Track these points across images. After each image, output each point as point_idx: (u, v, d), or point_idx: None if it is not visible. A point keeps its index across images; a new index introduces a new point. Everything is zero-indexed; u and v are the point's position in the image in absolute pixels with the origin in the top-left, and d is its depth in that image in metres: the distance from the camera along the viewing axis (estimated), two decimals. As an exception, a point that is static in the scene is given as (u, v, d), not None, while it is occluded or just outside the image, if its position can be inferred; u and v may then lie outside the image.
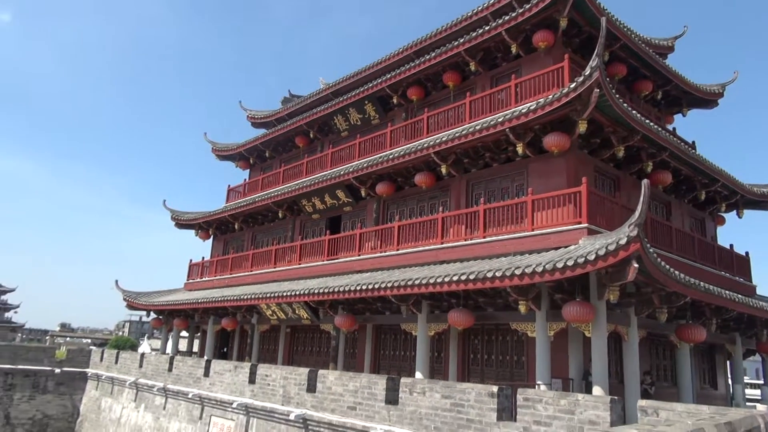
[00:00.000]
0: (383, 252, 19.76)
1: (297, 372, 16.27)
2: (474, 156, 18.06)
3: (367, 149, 22.89)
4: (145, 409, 24.26)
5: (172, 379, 22.60)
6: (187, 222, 31.59)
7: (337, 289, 17.68)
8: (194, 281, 30.73)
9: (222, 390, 19.22)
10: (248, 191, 30.23)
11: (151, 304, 30.17)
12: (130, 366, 26.90)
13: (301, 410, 15.36)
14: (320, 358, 22.73)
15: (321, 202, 23.84)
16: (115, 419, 26.57)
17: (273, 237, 27.96)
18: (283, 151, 30.51)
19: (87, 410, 30.26)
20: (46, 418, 30.15)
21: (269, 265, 25.32)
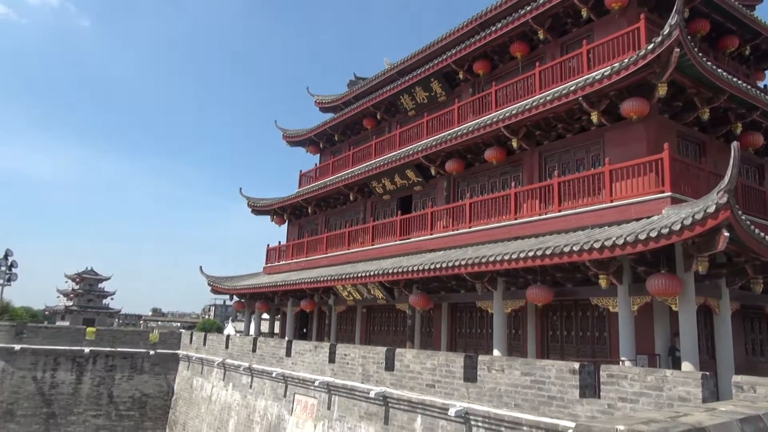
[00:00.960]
0: (455, 230, 19.63)
1: (375, 351, 16.55)
2: (546, 128, 17.51)
3: (435, 127, 22.70)
4: (233, 388, 25.47)
5: (256, 359, 23.57)
6: (262, 208, 32.60)
7: (410, 269, 17.76)
8: (272, 265, 31.77)
9: (303, 369, 19.86)
10: (319, 175, 30.79)
11: (233, 288, 31.49)
12: (217, 347, 28.27)
13: (381, 388, 15.63)
14: (397, 337, 23.01)
15: (391, 183, 23.92)
16: (207, 397, 28.07)
17: (345, 219, 28.39)
18: (352, 133, 30.78)
19: (180, 389, 32.15)
20: (144, 397, 32.30)
21: (343, 247, 25.77)
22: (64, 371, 31.20)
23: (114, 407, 31.58)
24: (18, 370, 30.57)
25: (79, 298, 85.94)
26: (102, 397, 31.51)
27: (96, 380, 31.58)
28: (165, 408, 32.48)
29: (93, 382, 31.51)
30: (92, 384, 31.47)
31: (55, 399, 30.73)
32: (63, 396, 30.88)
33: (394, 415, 15.19)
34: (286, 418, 20.35)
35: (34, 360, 30.89)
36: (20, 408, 30.16)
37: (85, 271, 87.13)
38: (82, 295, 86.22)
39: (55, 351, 31.29)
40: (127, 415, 31.71)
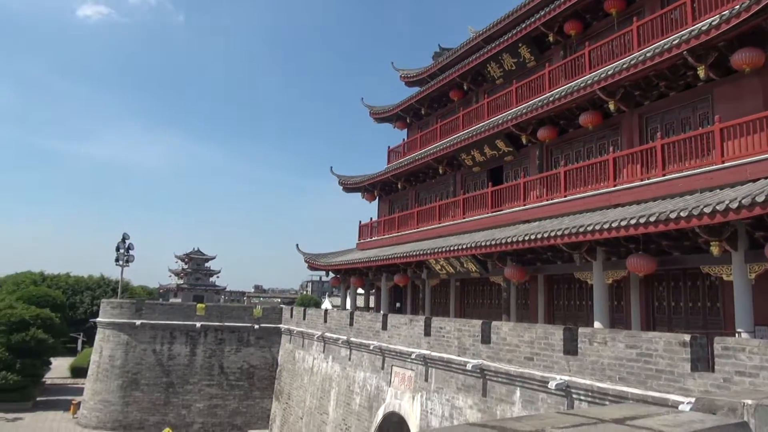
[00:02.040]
0: (550, 200, 19.02)
1: (470, 324, 16.50)
2: (646, 87, 16.43)
3: (525, 94, 21.96)
4: (332, 360, 26.42)
5: (353, 333, 24.25)
6: (353, 185, 33.18)
7: (504, 241, 17.45)
8: (365, 241, 32.37)
9: (400, 342, 20.20)
10: (407, 151, 30.82)
11: (329, 265, 32.46)
12: (316, 321, 29.36)
13: (477, 361, 15.60)
14: (491, 310, 22.81)
15: (481, 155, 23.50)
16: (308, 369, 29.33)
17: (435, 193, 28.30)
18: (439, 106, 30.46)
19: (284, 360, 33.80)
20: (252, 368, 34.28)
21: (434, 222, 25.75)
22: (179, 344, 33.70)
23: (225, 377, 33.79)
24: (140, 343, 33.38)
25: (188, 277, 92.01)
26: (214, 368, 33.79)
27: (208, 353, 33.88)
28: (271, 378, 34.33)
29: (205, 354, 33.83)
30: (204, 356, 33.79)
31: (173, 369, 33.32)
32: (179, 367, 33.41)
33: (492, 387, 15.13)
34: (385, 390, 20.86)
35: (153, 334, 33.58)
36: (143, 378, 33.00)
37: (192, 252, 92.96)
38: (191, 274, 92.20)
39: (171, 326, 33.84)
40: (237, 385, 33.84)
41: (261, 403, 33.97)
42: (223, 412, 33.33)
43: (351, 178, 33.32)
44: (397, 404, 19.84)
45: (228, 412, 33.40)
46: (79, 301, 63.43)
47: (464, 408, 16.06)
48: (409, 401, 19.09)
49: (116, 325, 33.84)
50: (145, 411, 32.42)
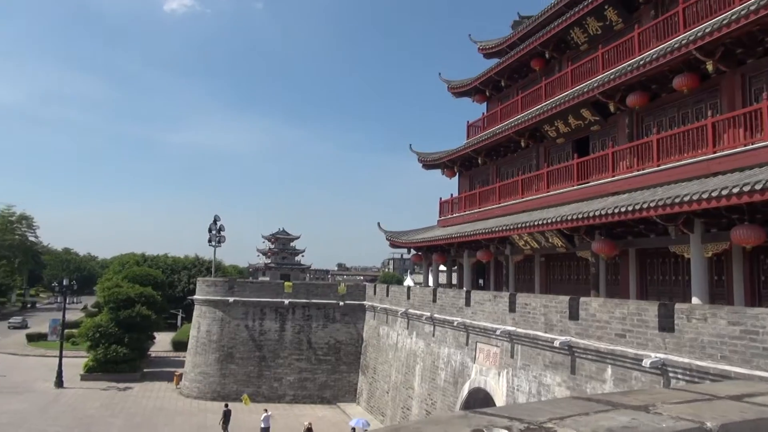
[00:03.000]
0: (641, 170, 18.04)
1: (557, 300, 16.08)
2: (750, 43, 15.10)
3: (612, 59, 20.82)
4: (416, 336, 26.67)
5: (437, 309, 24.33)
6: (432, 162, 32.97)
7: (593, 214, 16.79)
8: (446, 218, 32.20)
9: (484, 318, 20.04)
10: (487, 125, 30.18)
11: (410, 242, 32.59)
12: (399, 298, 29.68)
13: (565, 337, 15.21)
14: (579, 286, 22.11)
15: (565, 125, 22.62)
16: (393, 344, 29.79)
17: (517, 167, 27.61)
18: (519, 77, 29.53)
19: (368, 336, 34.51)
20: (338, 343, 35.27)
21: (516, 196, 25.17)
22: (269, 320, 35.19)
23: (313, 352, 34.99)
24: (233, 319, 35.16)
25: (275, 256, 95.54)
26: (302, 343, 35.07)
27: (296, 328, 35.17)
28: (356, 354, 35.19)
29: (294, 330, 35.14)
30: (293, 332, 35.11)
31: (265, 344, 34.89)
32: (270, 342, 34.93)
33: (581, 364, 14.73)
34: (470, 366, 20.83)
35: (245, 310, 35.24)
36: (238, 351, 34.79)
37: (278, 232, 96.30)
38: (278, 253, 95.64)
39: (261, 303, 35.35)
40: (325, 360, 34.97)
41: (348, 377, 34.95)
42: (312, 385, 34.60)
43: (430, 154, 33.11)
44: (482, 380, 19.78)
45: (317, 385, 34.64)
46: (177, 280, 67.52)
47: (552, 385, 15.76)
48: (494, 378, 18.97)
49: (211, 302, 35.78)
50: (241, 383, 34.22)
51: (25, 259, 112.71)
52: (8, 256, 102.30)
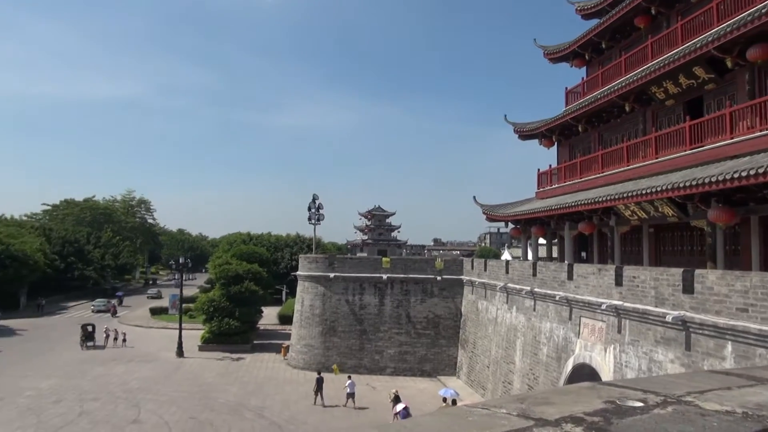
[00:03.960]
0: (765, 130, 16.46)
1: (669, 273, 15.18)
2: None
3: (728, 10, 19.00)
4: (516, 311, 26.27)
5: (537, 283, 23.77)
6: (529, 132, 31.94)
7: (710, 180, 15.59)
8: (544, 189, 31.20)
9: (588, 292, 19.34)
10: (587, 90, 28.72)
11: (508, 215, 31.95)
12: (497, 272, 29.30)
13: (679, 312, 14.36)
14: (692, 258, 20.73)
15: (675, 86, 21.04)
16: (492, 319, 29.55)
17: (621, 134, 26.12)
18: (622, 37, 27.75)
19: (467, 311, 34.45)
20: (437, 317, 35.51)
21: (621, 164, 23.86)
22: (369, 295, 36.03)
23: (412, 326, 35.48)
24: (334, 294, 36.34)
25: (371, 233, 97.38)
26: (401, 318, 35.64)
27: (395, 303, 35.77)
28: (455, 328, 35.28)
29: (392, 304, 35.76)
30: (392, 306, 35.74)
31: (365, 318, 35.82)
32: (370, 316, 35.80)
33: (697, 340, 13.86)
34: (573, 341, 20.25)
35: (345, 286, 36.28)
36: (340, 325, 36.00)
37: (374, 209, 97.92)
38: (374, 230, 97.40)
39: (360, 278, 36.23)
40: (424, 334, 35.37)
41: (447, 350, 35.17)
42: (412, 358, 35.18)
43: (527, 124, 32.07)
44: (587, 356, 19.18)
45: (417, 358, 35.17)
46: (280, 257, 70.63)
47: (664, 362, 14.99)
48: (600, 353, 18.33)
49: (313, 278, 37.16)
50: (344, 355, 35.45)
51: (145, 240, 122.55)
52: (131, 237, 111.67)
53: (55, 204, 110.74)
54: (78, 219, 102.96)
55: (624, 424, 1.29)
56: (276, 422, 24.91)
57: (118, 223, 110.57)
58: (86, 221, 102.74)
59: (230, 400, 28.23)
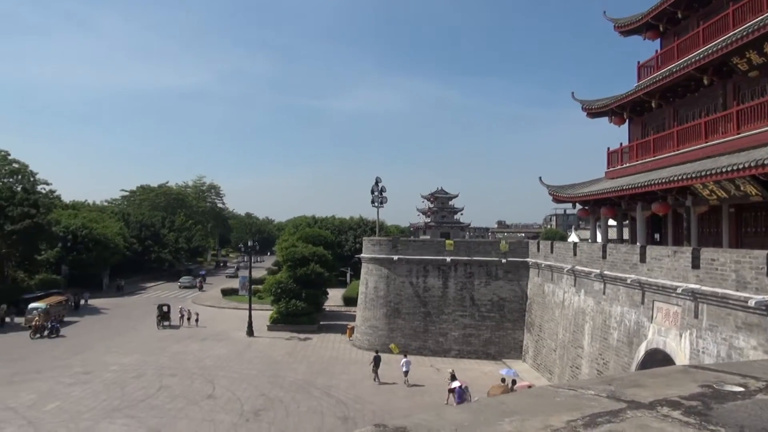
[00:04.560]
0: None
1: (751, 255, 14.33)
2: None
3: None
4: (585, 294, 25.58)
5: (607, 266, 23.02)
6: (598, 110, 30.76)
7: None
8: (614, 169, 30.05)
9: (661, 276, 18.56)
10: (662, 63, 27.28)
11: (575, 196, 31.01)
12: (564, 255, 28.58)
13: (762, 296, 13.57)
14: (778, 239, 19.47)
15: (759, 56, 19.65)
16: (559, 302, 28.91)
17: (699, 109, 24.72)
18: (700, 6, 26.12)
19: (533, 294, 33.86)
20: (501, 300, 35.10)
21: (698, 141, 22.62)
22: (432, 277, 36.02)
23: (476, 309, 35.26)
24: (398, 276, 36.55)
25: (434, 215, 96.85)
26: (465, 300, 35.46)
27: (459, 285, 35.60)
28: (521, 311, 34.78)
29: (456, 287, 35.62)
30: (456, 288, 35.60)
31: (429, 300, 35.88)
32: (434, 298, 35.82)
33: (784, 326, 13.06)
34: (646, 325, 19.54)
35: (409, 268, 36.41)
36: (404, 307, 36.23)
37: (436, 191, 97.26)
38: (437, 212, 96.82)
39: (424, 260, 36.26)
40: (488, 316, 35.07)
41: (513, 334, 34.76)
42: (476, 341, 35.00)
43: (595, 102, 30.88)
44: (661, 341, 18.47)
45: (481, 341, 34.96)
46: (344, 240, 71.61)
47: (746, 348, 14.23)
48: (675, 339, 17.61)
49: (377, 260, 37.49)
50: (408, 337, 35.71)
51: (215, 224, 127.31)
52: (202, 221, 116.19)
53: (132, 190, 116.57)
54: (153, 204, 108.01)
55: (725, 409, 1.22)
56: (342, 401, 25.46)
57: (190, 207, 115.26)
58: (161, 206, 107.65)
59: (298, 379, 29.07)
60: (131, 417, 22.59)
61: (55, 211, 64.82)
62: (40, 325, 38.25)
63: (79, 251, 61.66)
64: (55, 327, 39.00)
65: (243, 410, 23.79)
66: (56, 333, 38.77)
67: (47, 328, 38.51)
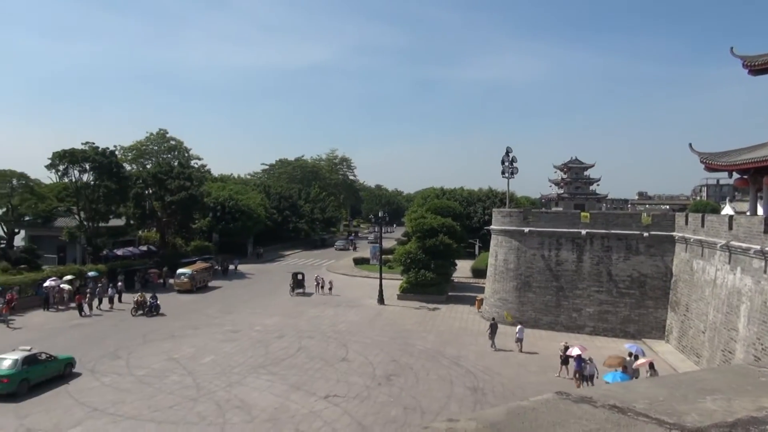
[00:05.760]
0: None
1: None
2: None
3: None
4: (741, 272, 23.18)
5: (770, 242, 20.62)
6: (765, 65, 27.21)
7: None
8: (782, 133, 26.55)
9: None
10: None
11: (734, 164, 27.94)
12: (718, 228, 26.03)
13: None
14: None
15: None
16: (710, 280, 26.49)
17: None
18: None
19: (679, 270, 31.30)
20: (642, 276, 32.88)
21: None
22: (566, 251, 34.60)
23: (614, 285, 33.39)
24: (529, 249, 35.57)
25: (567, 186, 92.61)
26: (602, 275, 33.70)
27: (595, 259, 33.87)
28: (664, 288, 32.38)
29: (592, 261, 33.92)
30: (591, 263, 33.91)
31: (561, 274, 34.56)
32: (567, 272, 34.43)
33: None
34: (819, 309, 17.29)
35: (540, 240, 35.26)
36: (534, 281, 35.26)
37: (570, 161, 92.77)
38: (570, 183, 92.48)
39: (556, 233, 34.89)
40: (627, 293, 33.07)
41: (654, 312, 32.53)
42: (614, 318, 33.23)
43: (761, 56, 27.34)
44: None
45: (619, 318, 33.13)
46: (473, 212, 70.93)
47: None
48: None
49: (507, 232, 36.71)
50: (539, 311, 34.79)
51: (347, 195, 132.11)
52: (335, 192, 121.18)
53: (272, 163, 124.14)
54: (291, 176, 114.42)
55: None
56: (471, 371, 25.52)
57: (324, 179, 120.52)
58: (297, 178, 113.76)
59: (428, 347, 29.55)
60: (274, 374, 24.39)
61: (206, 183, 70.87)
62: (142, 301, 36.86)
63: (227, 221, 67.12)
64: (155, 305, 36.96)
65: (375, 374, 24.71)
66: (156, 311, 36.81)
67: (147, 306, 36.71)
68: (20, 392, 21.17)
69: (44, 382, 22.29)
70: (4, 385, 20.89)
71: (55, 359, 23.46)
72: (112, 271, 45.82)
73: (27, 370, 21.67)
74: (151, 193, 57.26)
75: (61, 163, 48.72)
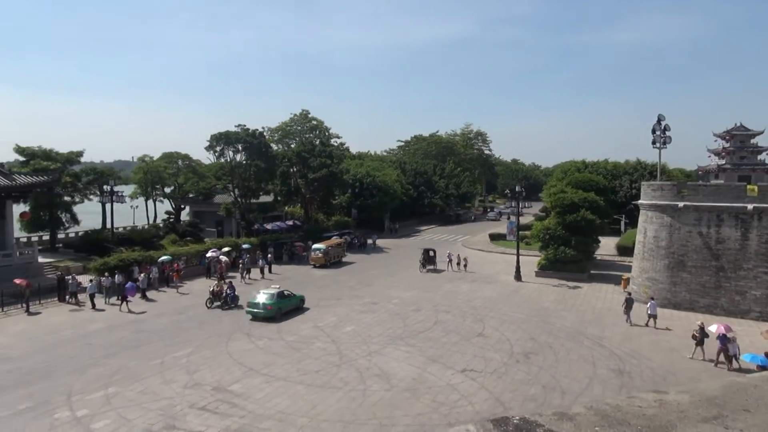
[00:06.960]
0: None
1: None
2: None
3: None
4: None
5: None
6: None
7: None
8: None
9: None
10: None
11: None
12: None
13: None
14: None
15: None
16: None
17: None
18: None
19: None
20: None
21: None
22: (728, 227, 31.29)
23: (787, 266, 29.63)
24: (683, 225, 32.66)
25: (730, 156, 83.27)
26: (772, 255, 30.06)
27: (764, 237, 30.29)
28: None
29: (760, 239, 30.37)
30: (759, 241, 30.37)
31: (722, 253, 31.36)
32: (730, 251, 31.16)
33: None
34: None
35: (697, 216, 32.21)
36: (690, 260, 32.37)
37: (734, 128, 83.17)
38: (734, 153, 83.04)
39: (717, 208, 31.64)
40: (804, 276, 29.22)
41: (839, 298, 28.44)
42: (786, 304, 29.61)
43: None
44: None
45: (793, 304, 29.45)
46: (619, 186, 66.58)
47: None
48: None
49: (658, 207, 33.98)
50: (694, 292, 31.97)
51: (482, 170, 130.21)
52: (470, 168, 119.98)
53: (407, 140, 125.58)
54: (425, 153, 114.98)
55: None
56: (616, 354, 24.20)
57: (459, 155, 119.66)
58: (432, 154, 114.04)
59: (567, 327, 28.48)
60: (411, 346, 24.97)
61: (345, 161, 73.60)
62: (219, 291, 32.89)
63: (364, 197, 69.34)
64: (232, 296, 32.80)
65: (512, 351, 24.34)
66: (234, 304, 32.58)
67: (223, 297, 32.60)
68: (277, 316, 29.30)
69: (289, 311, 30.49)
70: (268, 311, 29.23)
71: (294, 296, 31.72)
72: (262, 243, 49.58)
73: (280, 302, 29.89)
74: (295, 171, 60.76)
75: (218, 144, 53.30)
